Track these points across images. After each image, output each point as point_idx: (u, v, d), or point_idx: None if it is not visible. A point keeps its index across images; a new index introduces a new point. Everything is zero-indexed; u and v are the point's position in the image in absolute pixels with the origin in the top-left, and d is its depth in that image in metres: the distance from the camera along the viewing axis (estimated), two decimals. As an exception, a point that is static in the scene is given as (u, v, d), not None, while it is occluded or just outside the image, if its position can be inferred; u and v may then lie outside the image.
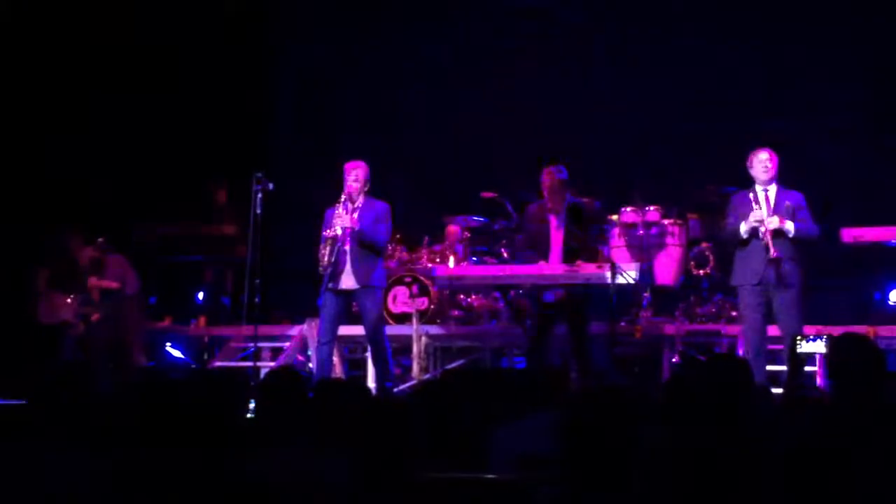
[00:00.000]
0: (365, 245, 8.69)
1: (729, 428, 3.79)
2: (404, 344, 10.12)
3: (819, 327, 8.92)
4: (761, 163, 8.33)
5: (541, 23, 13.27)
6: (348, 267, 8.73)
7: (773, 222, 8.07)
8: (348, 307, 9.15)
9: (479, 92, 13.29)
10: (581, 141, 12.38)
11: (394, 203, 9.16)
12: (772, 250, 7.98)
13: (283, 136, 14.09)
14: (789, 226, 8.10)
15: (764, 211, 8.20)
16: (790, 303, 8.08)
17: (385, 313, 10.02)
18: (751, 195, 8.29)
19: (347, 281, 8.74)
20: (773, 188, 8.34)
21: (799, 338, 7.17)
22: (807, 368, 8.54)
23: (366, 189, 8.87)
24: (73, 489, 3.47)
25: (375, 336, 8.80)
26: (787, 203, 8.26)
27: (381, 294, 9.03)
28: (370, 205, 8.86)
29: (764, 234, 8.07)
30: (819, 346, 6.94)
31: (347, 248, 8.73)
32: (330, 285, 8.75)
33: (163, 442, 3.48)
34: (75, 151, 12.04)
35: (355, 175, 8.83)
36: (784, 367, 8.23)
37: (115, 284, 10.40)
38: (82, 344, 10.50)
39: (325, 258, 8.73)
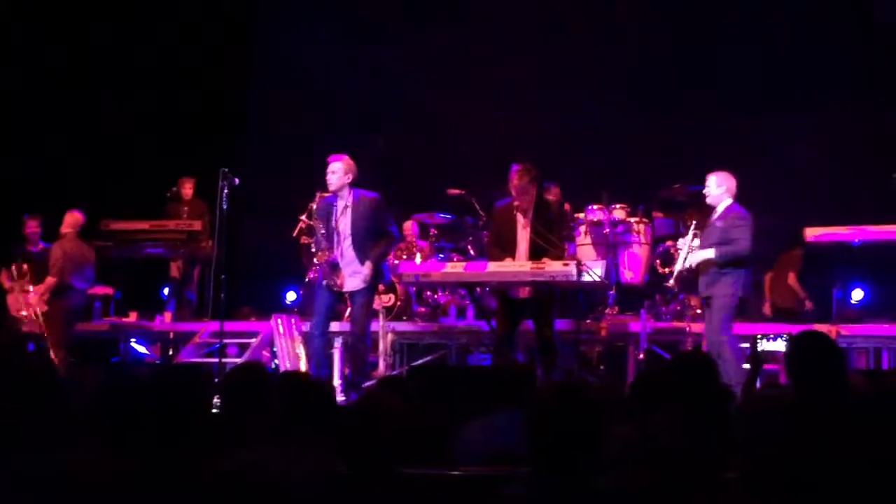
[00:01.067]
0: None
1: (694, 424, 3.83)
2: (371, 340, 10.12)
3: (781, 325, 9.03)
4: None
5: (517, 26, 13.33)
6: (350, 271, 8.65)
7: (693, 258, 8.57)
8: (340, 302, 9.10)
9: (450, 90, 13.32)
10: (549, 139, 12.44)
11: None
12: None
13: (253, 133, 14.06)
14: (692, 259, 8.56)
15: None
16: (711, 311, 8.43)
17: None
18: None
19: (349, 283, 8.64)
20: (720, 208, 8.55)
21: (760, 336, 7.26)
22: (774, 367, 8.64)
23: (349, 181, 8.69)
24: (35, 490, 3.45)
25: (361, 332, 8.71)
26: (718, 224, 8.53)
27: (373, 293, 8.93)
28: (360, 201, 8.68)
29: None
30: (780, 345, 7.01)
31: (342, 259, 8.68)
32: (329, 283, 8.68)
33: (128, 439, 3.47)
34: (45, 146, 11.99)
35: (332, 168, 8.68)
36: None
37: (52, 280, 10.28)
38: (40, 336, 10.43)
39: (329, 277, 8.64)
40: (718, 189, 8.54)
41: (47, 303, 10.28)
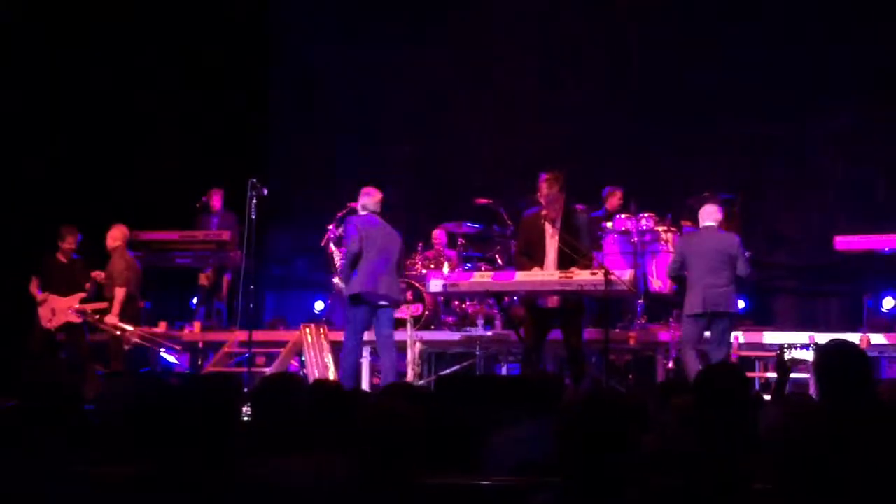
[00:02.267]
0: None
1: (722, 433, 3.81)
2: (399, 350, 10.16)
3: (812, 334, 8.99)
4: None
5: (538, 28, 13.31)
6: None
7: None
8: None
9: (475, 98, 13.33)
10: (576, 147, 12.42)
11: (387, 210, 9.28)
12: None
13: (281, 142, 14.09)
14: None
15: None
16: None
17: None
18: None
19: None
20: None
21: (787, 345, 7.26)
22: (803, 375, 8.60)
23: (360, 210, 9.33)
24: (66, 495, 3.47)
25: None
26: None
27: (347, 305, 9.29)
28: None
29: None
30: (808, 354, 6.99)
31: None
32: None
33: (158, 446, 3.49)
34: (71, 156, 12.05)
35: None
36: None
37: (122, 290, 10.35)
38: (78, 346, 10.47)
39: None
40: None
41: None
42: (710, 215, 8.96)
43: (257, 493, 3.34)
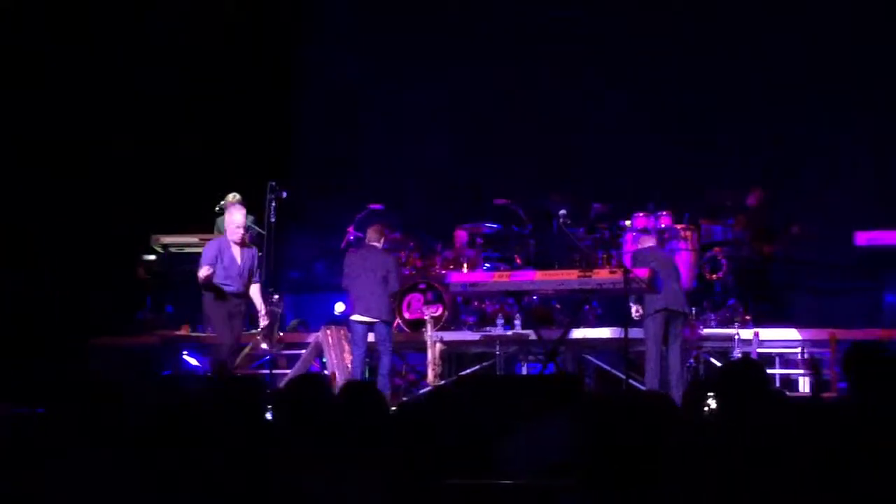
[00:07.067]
0: None
1: (745, 431, 3.82)
2: (419, 349, 10.19)
3: (832, 330, 8.96)
4: None
5: (554, 33, 13.32)
6: None
7: None
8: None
9: (495, 99, 13.32)
10: (594, 146, 12.42)
11: (405, 212, 9.32)
12: None
13: (303, 147, 14.11)
14: None
15: None
16: None
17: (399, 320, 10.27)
18: None
19: None
20: None
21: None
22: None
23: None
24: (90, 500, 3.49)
25: None
26: None
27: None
28: None
29: None
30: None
31: None
32: None
33: (184, 451, 3.50)
34: (98, 163, 12.11)
35: None
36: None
37: None
38: None
39: None
40: None
41: None
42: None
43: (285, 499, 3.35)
